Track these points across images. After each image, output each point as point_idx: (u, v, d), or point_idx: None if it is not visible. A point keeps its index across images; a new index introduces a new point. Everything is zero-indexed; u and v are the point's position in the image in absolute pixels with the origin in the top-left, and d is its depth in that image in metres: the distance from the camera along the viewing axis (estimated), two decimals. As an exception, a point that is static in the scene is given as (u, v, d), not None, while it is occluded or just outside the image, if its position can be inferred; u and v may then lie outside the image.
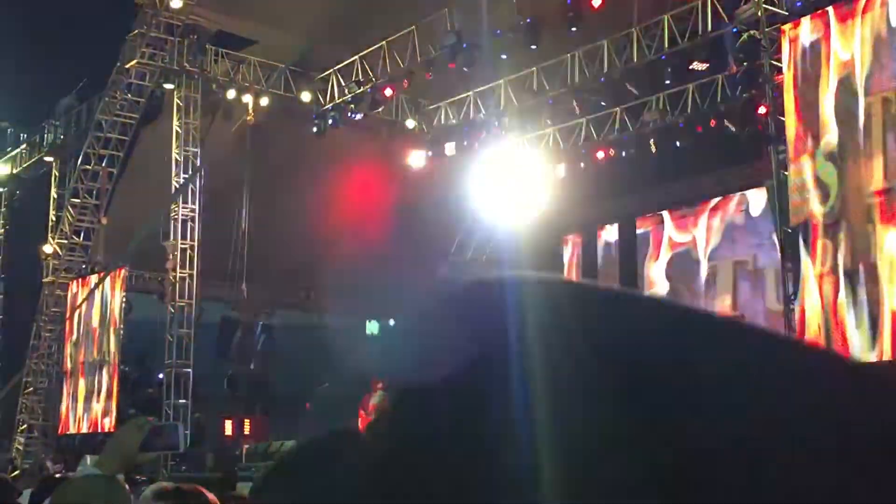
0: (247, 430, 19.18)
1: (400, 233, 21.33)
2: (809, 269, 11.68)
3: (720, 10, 14.59)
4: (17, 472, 16.63)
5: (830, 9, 11.78)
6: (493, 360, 0.58)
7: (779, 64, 12.71)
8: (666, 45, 15.58)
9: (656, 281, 20.44)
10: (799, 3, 12.48)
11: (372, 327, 22.65)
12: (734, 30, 14.07)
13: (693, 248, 19.73)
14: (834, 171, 11.47)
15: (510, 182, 18.34)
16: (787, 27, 12.26)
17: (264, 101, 18.66)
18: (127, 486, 2.52)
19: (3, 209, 22.56)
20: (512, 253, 22.68)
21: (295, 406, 17.18)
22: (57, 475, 7.88)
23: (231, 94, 18.45)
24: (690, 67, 15.52)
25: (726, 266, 19.08)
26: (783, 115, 12.49)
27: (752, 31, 13.44)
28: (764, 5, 12.90)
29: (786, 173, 12.47)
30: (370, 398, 16.76)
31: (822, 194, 11.60)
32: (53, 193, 20.93)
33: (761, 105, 14.10)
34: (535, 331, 0.58)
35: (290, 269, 21.09)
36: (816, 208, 11.66)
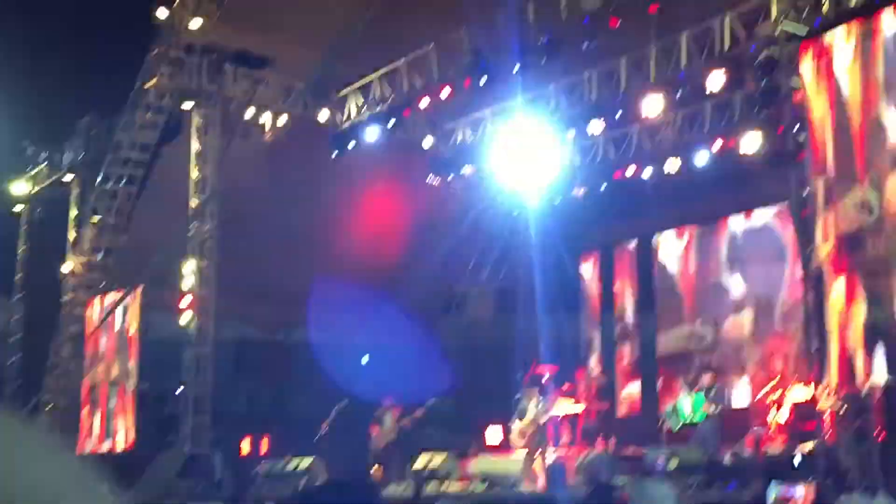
0: (264, 448, 19.17)
1: (417, 251, 21.36)
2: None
3: (738, 27, 14.59)
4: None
5: (848, 27, 11.77)
6: None
7: (797, 82, 12.69)
8: (683, 62, 15.57)
9: (677, 298, 20.40)
10: (818, 21, 12.46)
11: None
12: (752, 48, 14.06)
13: (714, 266, 19.68)
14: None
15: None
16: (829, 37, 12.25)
17: (283, 120, 18.73)
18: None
19: (23, 228, 22.68)
20: (528, 273, 22.66)
21: (313, 424, 17.14)
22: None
23: (249, 113, 18.52)
24: (708, 85, 15.48)
25: (746, 284, 19.02)
26: (802, 133, 12.47)
27: (770, 49, 13.43)
28: (783, 23, 12.90)
29: (805, 191, 12.44)
30: (385, 414, 16.78)
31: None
32: (73, 212, 21.05)
33: (781, 123, 14.07)
34: None
35: (308, 286, 21.09)
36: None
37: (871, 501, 5.21)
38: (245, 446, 18.87)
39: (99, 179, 19.60)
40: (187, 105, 18.21)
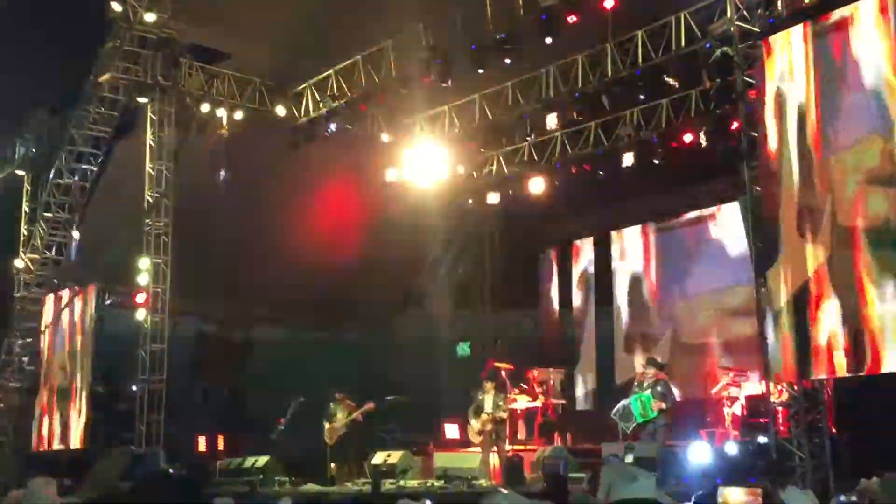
0: (220, 446, 19.04)
1: (374, 247, 21.31)
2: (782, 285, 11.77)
3: (693, 25, 14.70)
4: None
5: (801, 26, 11.89)
6: None
7: (751, 80, 12.81)
8: (640, 60, 15.66)
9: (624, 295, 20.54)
10: (772, 20, 12.57)
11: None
12: (707, 45, 14.16)
13: (670, 261, 19.84)
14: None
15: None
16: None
17: (239, 115, 18.58)
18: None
19: (-27, 224, 22.29)
20: (489, 268, 22.73)
21: (269, 421, 17.05)
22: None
23: (205, 107, 18.35)
24: (664, 82, 15.58)
25: (702, 279, 19.18)
26: (756, 131, 12.58)
27: (725, 48, 13.53)
28: (737, 22, 13.01)
29: (758, 189, 12.55)
30: (335, 409, 16.68)
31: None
32: (25, 208, 20.72)
33: (735, 121, 14.18)
34: None
35: (266, 283, 20.98)
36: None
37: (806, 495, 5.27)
38: (201, 444, 18.73)
39: (51, 175, 19.33)
40: (142, 99, 18.01)
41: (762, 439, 12.88)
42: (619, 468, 3.97)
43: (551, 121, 17.61)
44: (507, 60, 15.38)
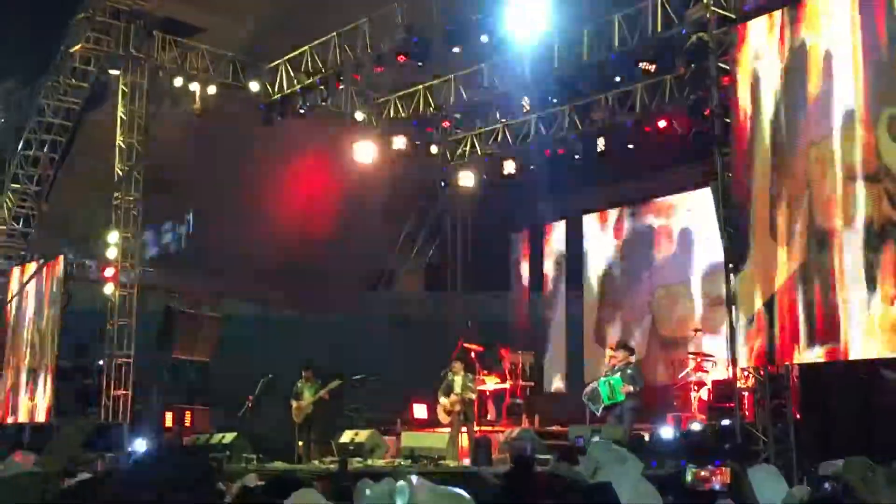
0: (187, 422, 18.95)
1: (346, 225, 21.25)
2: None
3: (670, 11, 14.69)
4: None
5: (777, 13, 11.93)
6: None
7: (725, 66, 12.83)
8: (616, 44, 15.64)
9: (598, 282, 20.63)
10: (747, 7, 12.60)
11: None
12: (683, 31, 14.16)
13: (640, 246, 19.93)
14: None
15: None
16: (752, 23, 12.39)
17: (212, 90, 18.41)
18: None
19: (-61, 194, 22.02)
20: (461, 248, 22.73)
21: (238, 398, 16.98)
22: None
23: (178, 81, 18.17)
24: (639, 67, 15.58)
25: (668, 268, 19.29)
26: (728, 118, 12.61)
27: (700, 34, 13.54)
28: (713, 8, 13.02)
29: (730, 175, 12.59)
30: (302, 387, 16.61)
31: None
32: (-7, 179, 20.52)
33: (709, 107, 14.20)
34: None
35: (237, 258, 20.87)
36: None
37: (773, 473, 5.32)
38: (168, 420, 18.65)
39: (20, 146, 19.12)
40: (113, 71, 17.83)
41: (726, 422, 12.98)
42: (609, 449, 3.96)
43: (526, 103, 17.58)
44: (484, 39, 15.28)
